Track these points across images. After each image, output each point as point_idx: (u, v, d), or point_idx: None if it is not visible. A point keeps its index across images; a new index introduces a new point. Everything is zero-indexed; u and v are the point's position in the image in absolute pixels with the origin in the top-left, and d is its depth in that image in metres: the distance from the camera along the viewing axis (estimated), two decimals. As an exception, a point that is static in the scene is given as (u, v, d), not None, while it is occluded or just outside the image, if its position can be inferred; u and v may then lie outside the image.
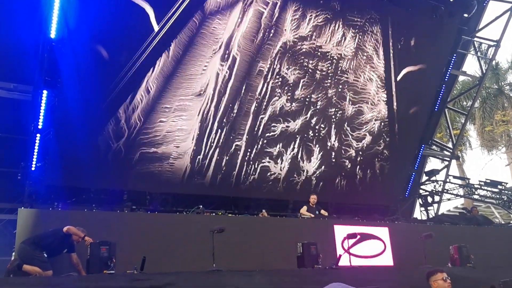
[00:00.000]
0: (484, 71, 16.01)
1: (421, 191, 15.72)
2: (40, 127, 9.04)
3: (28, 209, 7.24)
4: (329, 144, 12.48)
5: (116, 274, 5.67)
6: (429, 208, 15.12)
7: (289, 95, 11.58)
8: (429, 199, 15.27)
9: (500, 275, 6.51)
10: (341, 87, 12.25)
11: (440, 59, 13.95)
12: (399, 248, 9.28)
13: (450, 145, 17.15)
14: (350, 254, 7.77)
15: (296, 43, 11.36)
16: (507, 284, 5.84)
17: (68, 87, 8.95)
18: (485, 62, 16.29)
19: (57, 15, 8.60)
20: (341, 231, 8.83)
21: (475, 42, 15.58)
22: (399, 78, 12.97)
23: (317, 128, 12.20)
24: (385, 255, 9.28)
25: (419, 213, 15.91)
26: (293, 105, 11.71)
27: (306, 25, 11.34)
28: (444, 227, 11.09)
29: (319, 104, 12.06)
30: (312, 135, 12.19)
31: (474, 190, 15.49)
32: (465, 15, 13.77)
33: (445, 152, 16.69)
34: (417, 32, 12.93)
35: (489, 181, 15.06)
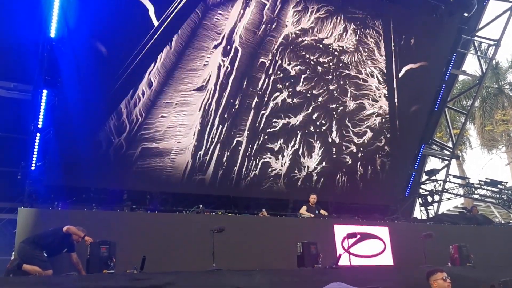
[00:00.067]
0: (484, 71, 16.01)
1: (421, 190, 15.72)
2: (40, 126, 9.05)
3: (28, 208, 7.25)
4: (330, 140, 12.46)
5: (116, 274, 5.66)
6: (429, 207, 15.12)
7: (291, 89, 11.55)
8: (429, 198, 15.27)
9: (500, 274, 6.51)
10: (342, 81, 12.23)
11: (440, 58, 13.92)
12: (399, 247, 9.28)
13: (450, 144, 17.16)
14: (350, 253, 7.77)
15: (298, 36, 11.34)
16: (507, 284, 5.84)
17: (68, 86, 8.96)
18: (485, 61, 16.27)
19: (57, 14, 8.61)
20: (341, 230, 8.83)
21: (475, 42, 15.58)
22: (400, 75, 12.97)
23: (318, 123, 12.18)
24: (385, 255, 9.28)
25: (419, 212, 15.94)
26: (295, 99, 11.69)
27: (308, 18, 11.33)
28: (444, 226, 11.08)
29: (320, 99, 12.04)
30: (313, 130, 12.17)
31: (474, 190, 15.48)
32: (465, 15, 13.76)
33: (445, 152, 16.69)
34: (417, 31, 12.91)
35: (489, 180, 15.05)
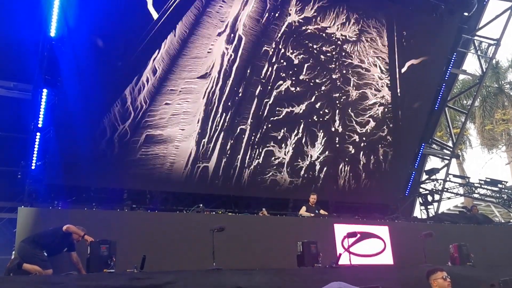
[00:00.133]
0: (484, 70, 16.00)
1: (421, 190, 15.73)
2: (40, 125, 9.05)
3: (28, 208, 7.24)
4: (333, 129, 12.50)
5: (116, 273, 5.65)
6: (429, 207, 15.11)
7: (294, 78, 11.57)
8: (429, 198, 15.26)
9: (500, 274, 6.50)
10: (345, 70, 12.26)
11: (440, 57, 13.93)
12: (399, 247, 9.28)
13: (450, 144, 17.17)
14: (350, 253, 7.78)
15: (301, 24, 11.34)
16: (507, 283, 5.83)
17: (68, 85, 8.96)
18: (485, 60, 16.26)
19: (57, 13, 8.60)
20: (341, 229, 8.82)
21: (475, 41, 15.58)
22: (403, 71, 12.99)
23: (321, 112, 12.20)
24: (385, 254, 9.28)
25: (419, 212, 15.96)
26: (298, 88, 11.69)
27: (310, 6, 11.34)
28: (444, 226, 11.08)
29: (323, 88, 12.06)
30: (316, 119, 12.19)
31: (474, 189, 15.50)
32: (465, 14, 13.74)
33: (445, 151, 16.70)
34: (417, 30, 12.91)
35: (489, 180, 15.05)
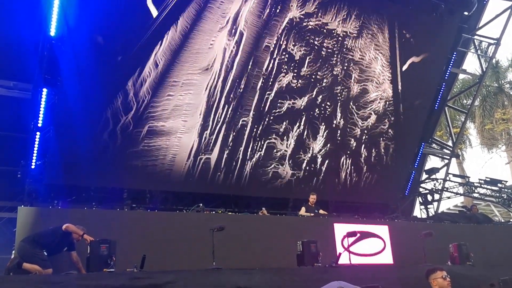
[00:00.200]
0: (484, 69, 16.01)
1: (421, 189, 15.74)
2: (40, 125, 9.06)
3: (28, 207, 7.25)
4: (334, 122, 12.55)
5: (116, 273, 5.65)
6: (429, 206, 15.12)
7: (295, 72, 11.61)
8: (429, 197, 15.28)
9: (500, 273, 6.50)
10: (346, 65, 12.31)
11: (440, 57, 13.93)
12: (399, 246, 9.28)
13: (450, 143, 17.18)
14: (350, 252, 7.77)
15: (302, 19, 11.38)
16: (507, 282, 5.83)
17: (68, 85, 8.96)
18: (485, 60, 16.27)
19: (56, 13, 8.61)
20: (341, 229, 8.81)
21: (475, 40, 15.58)
22: (404, 69, 13.02)
23: (323, 106, 12.24)
24: (385, 253, 9.28)
25: (419, 211, 15.94)
26: (299, 82, 11.74)
27: (312, 1, 11.36)
28: (444, 225, 11.08)
29: (324, 82, 12.10)
30: (318, 113, 12.23)
31: (474, 189, 15.51)
32: (465, 13, 13.74)
33: (445, 151, 16.71)
34: (418, 30, 12.91)
35: (489, 179, 15.07)
